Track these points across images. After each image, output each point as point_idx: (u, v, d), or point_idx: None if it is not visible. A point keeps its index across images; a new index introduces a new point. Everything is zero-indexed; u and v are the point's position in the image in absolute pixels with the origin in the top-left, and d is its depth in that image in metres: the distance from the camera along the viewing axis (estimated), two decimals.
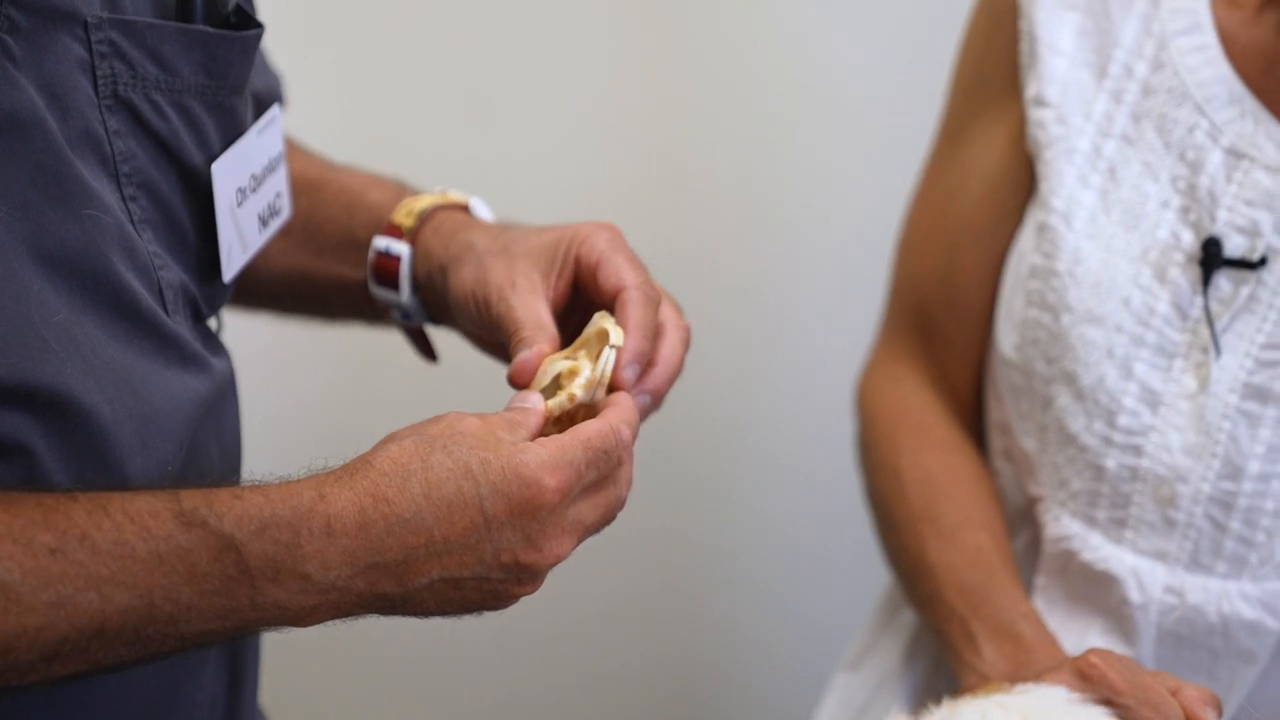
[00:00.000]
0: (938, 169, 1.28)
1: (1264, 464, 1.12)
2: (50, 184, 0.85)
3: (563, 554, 0.89)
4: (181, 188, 0.94)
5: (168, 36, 0.91)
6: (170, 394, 0.89)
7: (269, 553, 0.83)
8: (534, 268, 1.03)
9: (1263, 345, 1.13)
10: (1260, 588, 1.14)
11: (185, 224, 0.95)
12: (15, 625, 0.78)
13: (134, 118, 0.90)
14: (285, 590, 0.84)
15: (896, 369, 1.30)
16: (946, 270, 1.26)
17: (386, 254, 1.09)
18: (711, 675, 2.01)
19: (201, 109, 0.94)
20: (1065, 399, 1.17)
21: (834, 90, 1.83)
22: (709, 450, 1.93)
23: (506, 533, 0.87)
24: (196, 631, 0.83)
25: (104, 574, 0.80)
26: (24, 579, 0.79)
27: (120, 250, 0.88)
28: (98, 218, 0.86)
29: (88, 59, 0.88)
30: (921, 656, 1.29)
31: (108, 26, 0.88)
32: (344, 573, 0.85)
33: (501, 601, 0.91)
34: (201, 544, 0.82)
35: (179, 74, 0.92)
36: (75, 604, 0.79)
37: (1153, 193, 1.16)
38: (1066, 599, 1.20)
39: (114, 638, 0.81)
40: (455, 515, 0.86)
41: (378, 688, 1.98)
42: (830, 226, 1.87)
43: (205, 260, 0.97)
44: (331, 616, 0.87)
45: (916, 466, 1.24)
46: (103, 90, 0.89)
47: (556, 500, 0.88)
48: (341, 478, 0.86)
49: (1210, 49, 1.14)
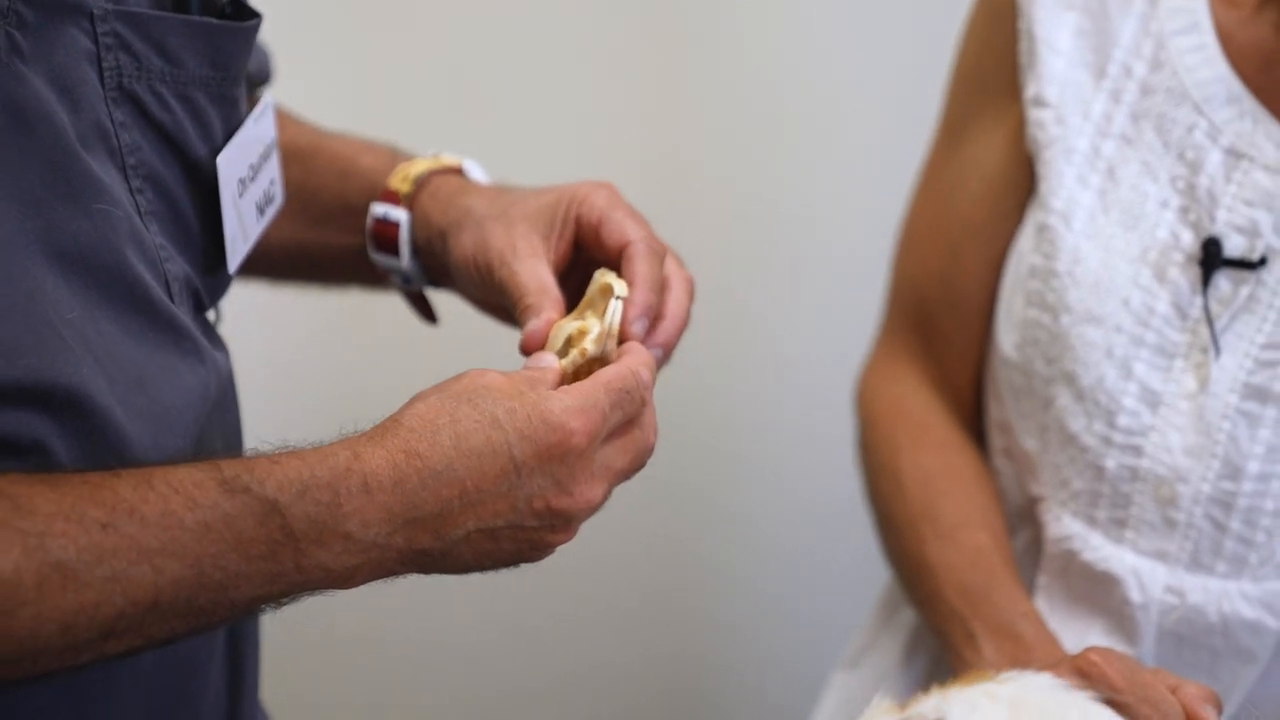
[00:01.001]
0: (937, 169, 1.28)
1: (1264, 464, 1.12)
2: (60, 180, 0.85)
3: (594, 499, 0.90)
4: (185, 179, 0.94)
5: (172, 28, 0.91)
6: (181, 388, 0.90)
7: (311, 514, 0.84)
8: (534, 230, 1.03)
9: (1262, 345, 1.13)
10: (1260, 587, 1.14)
11: (189, 215, 0.95)
12: (73, 603, 0.79)
13: (139, 109, 0.90)
14: (329, 551, 0.84)
15: (896, 368, 1.30)
16: (946, 270, 1.26)
17: (385, 220, 1.09)
18: (711, 673, 2.01)
19: (205, 100, 0.94)
20: (1065, 399, 1.17)
21: (833, 89, 1.83)
22: (709, 449, 1.93)
23: (537, 479, 0.88)
24: (246, 598, 0.84)
25: (155, 545, 0.80)
26: (79, 555, 0.79)
27: (132, 243, 0.88)
28: (109, 212, 0.87)
29: (94, 51, 0.88)
30: (921, 655, 1.29)
31: (113, 18, 0.88)
32: (383, 530, 0.85)
33: (538, 551, 0.91)
34: (246, 510, 0.82)
35: (183, 65, 0.92)
36: (130, 577, 0.80)
37: (1152, 193, 1.16)
38: (1067, 599, 1.20)
39: (168, 610, 0.81)
40: (486, 464, 0.87)
41: (379, 686, 1.98)
42: (829, 226, 1.87)
43: (208, 251, 0.97)
44: (373, 576, 0.87)
45: (916, 466, 1.24)
46: (109, 82, 0.89)
47: (584, 444, 0.89)
48: (373, 438, 0.87)
49: (1208, 48, 1.14)
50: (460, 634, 1.97)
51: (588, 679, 2.00)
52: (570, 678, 2.00)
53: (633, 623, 1.98)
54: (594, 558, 1.93)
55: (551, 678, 2.00)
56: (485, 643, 1.97)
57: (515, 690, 2.00)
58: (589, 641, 1.99)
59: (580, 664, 1.99)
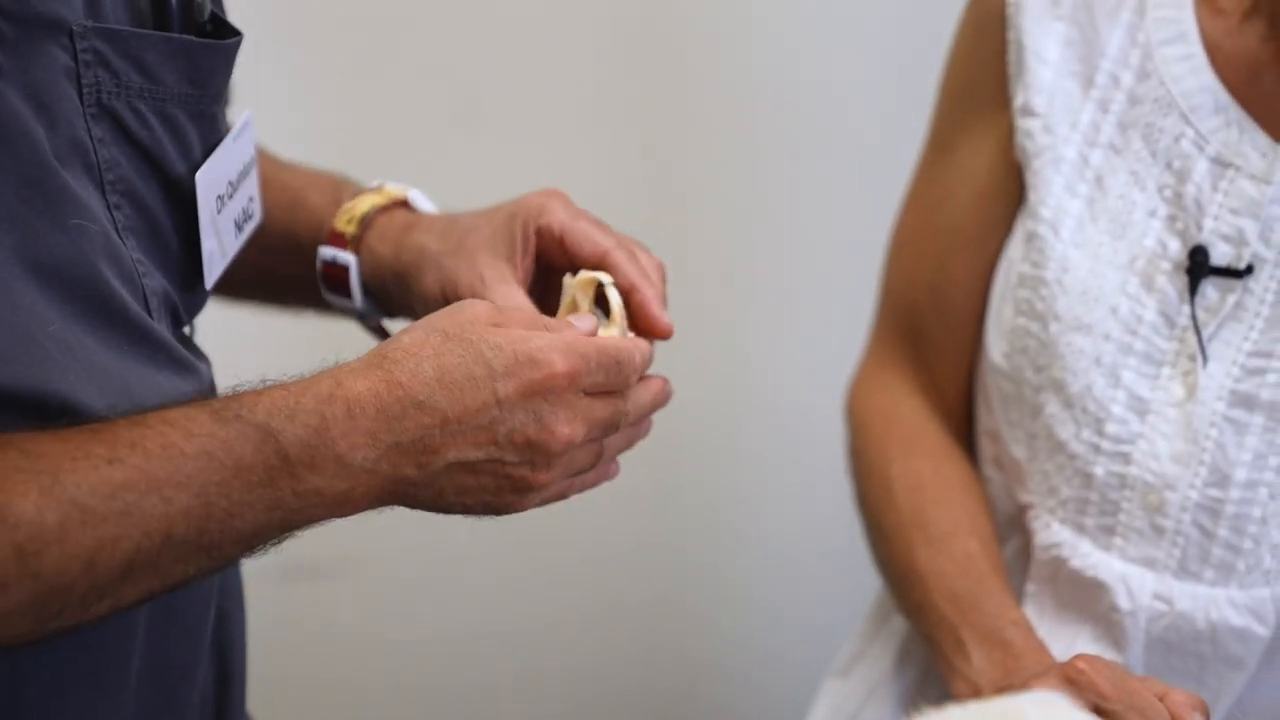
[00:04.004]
0: (926, 178, 1.29)
1: (1251, 471, 1.12)
2: (37, 195, 0.85)
3: (573, 437, 0.92)
4: (164, 196, 0.95)
5: (152, 45, 0.92)
6: (163, 398, 0.90)
7: (302, 437, 0.85)
8: (496, 256, 1.04)
9: (1249, 353, 1.13)
10: (1248, 594, 1.14)
11: (167, 232, 0.95)
12: (94, 538, 0.80)
13: (117, 126, 0.91)
14: (322, 475, 0.86)
15: (887, 376, 1.30)
16: (936, 279, 1.26)
17: (334, 264, 1.10)
18: (703, 681, 2.01)
19: (185, 117, 0.95)
20: (1054, 407, 1.18)
21: (823, 100, 1.84)
22: (700, 457, 1.93)
23: (519, 413, 0.90)
24: (250, 528, 0.85)
25: (161, 476, 0.82)
26: (93, 491, 0.80)
27: (107, 258, 0.88)
28: (85, 227, 0.87)
29: (73, 67, 0.88)
30: (912, 663, 1.30)
31: (93, 35, 0.89)
32: (369, 454, 0.87)
33: (517, 494, 0.92)
34: (242, 435, 0.84)
35: (162, 82, 0.93)
36: (142, 509, 0.81)
37: (1140, 201, 1.16)
38: (1056, 606, 1.20)
39: (180, 543, 0.83)
40: (467, 396, 0.89)
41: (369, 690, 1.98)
42: (819, 234, 1.87)
43: (186, 267, 0.97)
44: (365, 503, 0.89)
45: (907, 473, 1.24)
46: (87, 99, 0.89)
47: (566, 383, 0.91)
48: (356, 368, 0.89)
49: (1195, 58, 1.15)
50: (451, 636, 1.97)
51: (580, 687, 2.00)
52: (562, 685, 2.00)
53: (626, 630, 1.98)
54: (586, 564, 1.94)
55: (543, 683, 2.00)
56: (476, 646, 1.97)
57: (506, 693, 2.00)
58: (581, 649, 1.99)
59: (572, 670, 1.99)
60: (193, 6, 0.95)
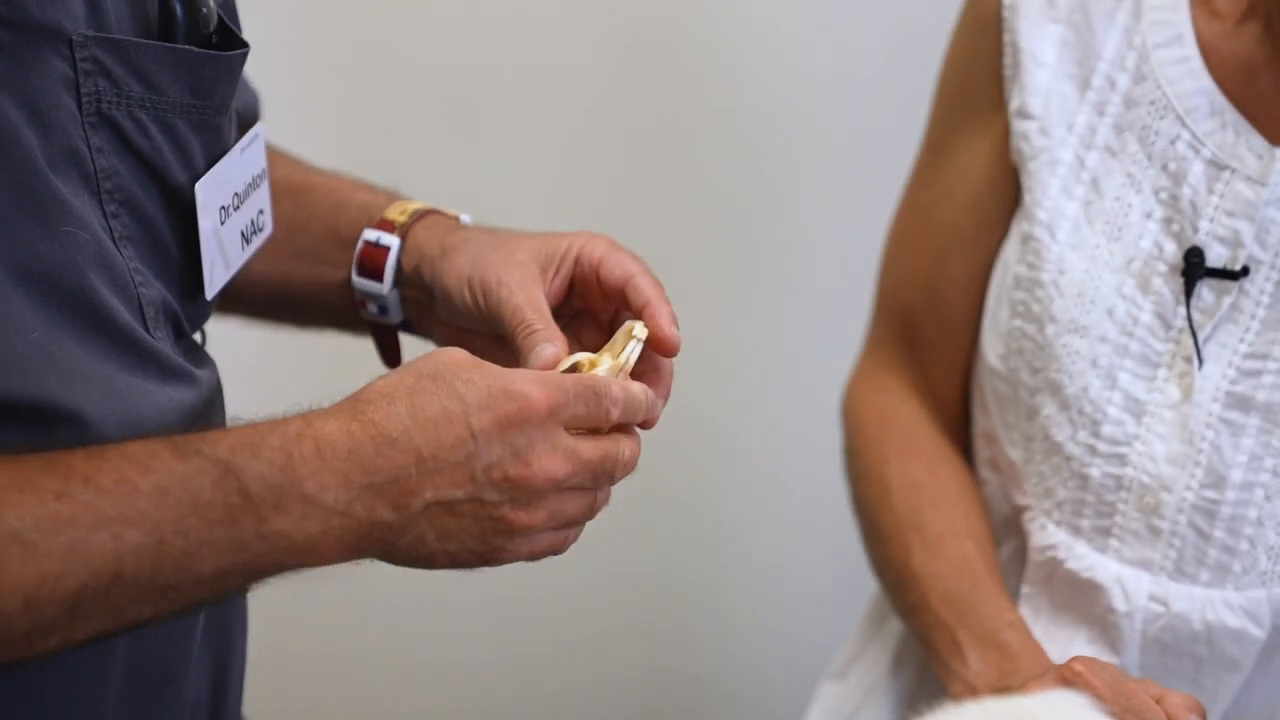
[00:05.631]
0: (922, 179, 1.29)
1: (1246, 472, 1.13)
2: (28, 201, 0.85)
3: (554, 473, 0.88)
4: (164, 205, 0.94)
5: (153, 55, 0.91)
6: (154, 404, 0.90)
7: (266, 475, 0.83)
8: (532, 260, 1.04)
9: (1245, 354, 1.13)
10: (1244, 596, 1.14)
11: (168, 241, 0.95)
12: (34, 574, 0.78)
13: (117, 135, 0.90)
14: (288, 516, 0.84)
15: (882, 379, 1.31)
16: (932, 280, 1.26)
17: (375, 244, 1.09)
18: (698, 684, 2.01)
19: (186, 127, 0.94)
20: (1050, 409, 1.18)
21: (819, 102, 1.84)
22: (695, 458, 1.93)
23: (495, 447, 0.87)
24: (211, 571, 0.83)
25: (111, 513, 0.80)
26: (35, 525, 0.79)
27: (97, 266, 0.88)
28: (74, 234, 0.86)
29: (72, 76, 0.88)
30: (908, 665, 1.30)
31: (93, 44, 0.88)
32: (341, 495, 0.85)
33: (502, 537, 0.89)
34: (200, 472, 0.82)
35: (164, 92, 0.92)
36: (89, 546, 0.79)
37: (1135, 203, 1.17)
38: (1052, 607, 1.20)
39: (131, 583, 0.81)
40: (442, 432, 0.87)
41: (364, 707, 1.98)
42: (815, 237, 1.87)
43: (188, 277, 0.97)
44: (340, 551, 0.86)
45: (903, 475, 1.24)
46: (86, 107, 0.89)
47: (544, 414, 0.88)
48: (328, 410, 0.87)
49: (1191, 61, 1.15)
50: (443, 647, 1.97)
51: (573, 693, 2.00)
52: (556, 693, 1.99)
53: (618, 635, 1.98)
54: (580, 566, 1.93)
55: (536, 693, 2.00)
56: (468, 658, 1.97)
57: (498, 707, 2.00)
58: (574, 656, 1.98)
59: (566, 679, 1.99)
60: (199, 17, 0.94)
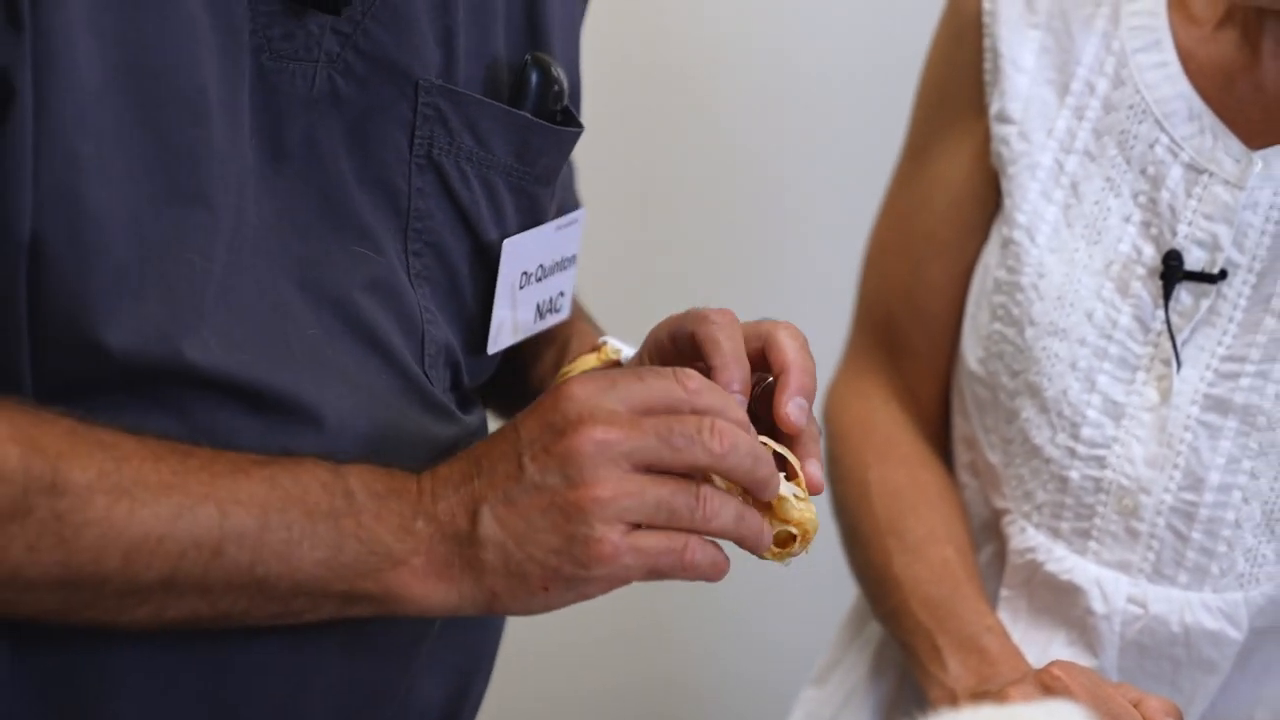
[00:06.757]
0: (903, 184, 1.29)
1: (1224, 475, 1.13)
2: (330, 214, 0.90)
3: (595, 434, 0.83)
4: (470, 257, 0.97)
5: (490, 114, 0.95)
6: (405, 424, 0.92)
7: (371, 484, 0.86)
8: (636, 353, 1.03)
9: (1223, 357, 1.13)
10: (1222, 598, 1.14)
11: (465, 292, 0.98)
12: (138, 531, 0.80)
13: (441, 181, 0.94)
14: (385, 525, 0.85)
15: (863, 383, 1.31)
16: (912, 284, 1.27)
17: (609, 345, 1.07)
18: (679, 691, 2.00)
19: (505, 188, 0.97)
20: (1030, 412, 1.18)
21: (800, 107, 1.84)
22: None
23: (533, 431, 0.85)
24: (307, 572, 0.84)
25: (221, 492, 0.83)
26: (147, 486, 0.81)
27: (381, 293, 0.92)
28: (366, 256, 0.91)
29: (410, 118, 0.92)
30: (888, 670, 1.30)
31: (437, 93, 0.93)
32: (430, 506, 0.86)
33: (577, 524, 0.83)
34: (312, 473, 0.85)
35: (492, 150, 0.96)
36: (195, 515, 0.82)
37: (1114, 207, 1.17)
38: (1031, 610, 1.20)
39: (231, 565, 0.82)
40: (495, 439, 0.88)
41: None
42: (796, 241, 1.87)
43: (478, 331, 1.00)
44: (431, 566, 0.85)
45: (883, 480, 1.25)
46: (418, 150, 0.93)
47: (580, 394, 0.85)
48: None
49: (1170, 66, 1.16)
50: None
51: (558, 702, 1.99)
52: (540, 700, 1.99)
53: (600, 640, 1.98)
54: None
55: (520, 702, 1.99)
56: None
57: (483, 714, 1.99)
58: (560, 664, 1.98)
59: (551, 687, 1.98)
60: (549, 93, 0.97)
